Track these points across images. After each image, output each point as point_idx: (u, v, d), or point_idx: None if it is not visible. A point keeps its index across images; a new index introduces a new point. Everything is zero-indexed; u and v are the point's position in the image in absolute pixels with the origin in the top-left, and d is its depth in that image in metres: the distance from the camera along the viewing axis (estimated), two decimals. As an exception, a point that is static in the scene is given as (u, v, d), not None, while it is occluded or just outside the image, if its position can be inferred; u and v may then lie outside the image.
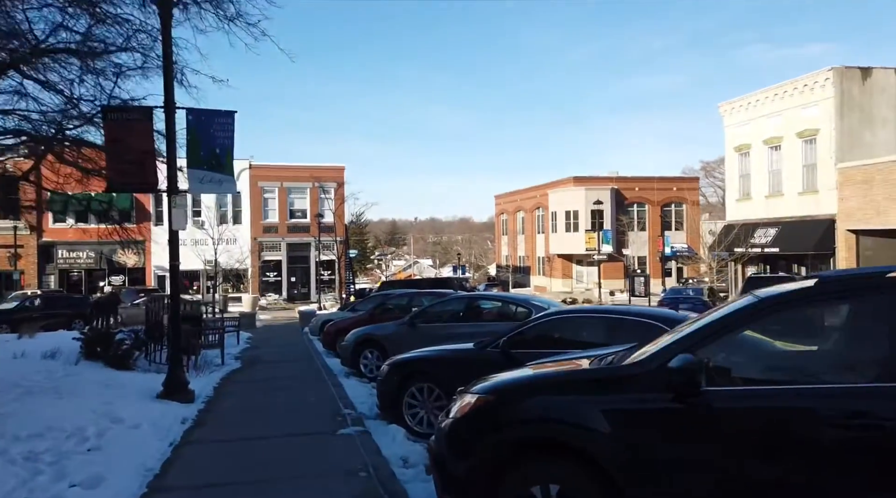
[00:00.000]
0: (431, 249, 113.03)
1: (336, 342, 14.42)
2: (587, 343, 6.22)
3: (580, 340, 6.30)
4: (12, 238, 38.18)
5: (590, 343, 6.21)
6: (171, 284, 8.63)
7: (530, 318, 9.25)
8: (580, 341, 6.29)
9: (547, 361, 4.72)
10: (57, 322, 24.82)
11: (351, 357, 10.93)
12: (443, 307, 10.74)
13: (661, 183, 52.52)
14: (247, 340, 18.72)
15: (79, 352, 11.42)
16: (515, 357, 6.34)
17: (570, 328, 6.50)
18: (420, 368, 6.96)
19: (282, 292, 44.26)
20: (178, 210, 8.44)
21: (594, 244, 38.01)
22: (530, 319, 6.75)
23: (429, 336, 10.17)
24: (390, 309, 14.27)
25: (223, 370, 11.54)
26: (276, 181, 44.29)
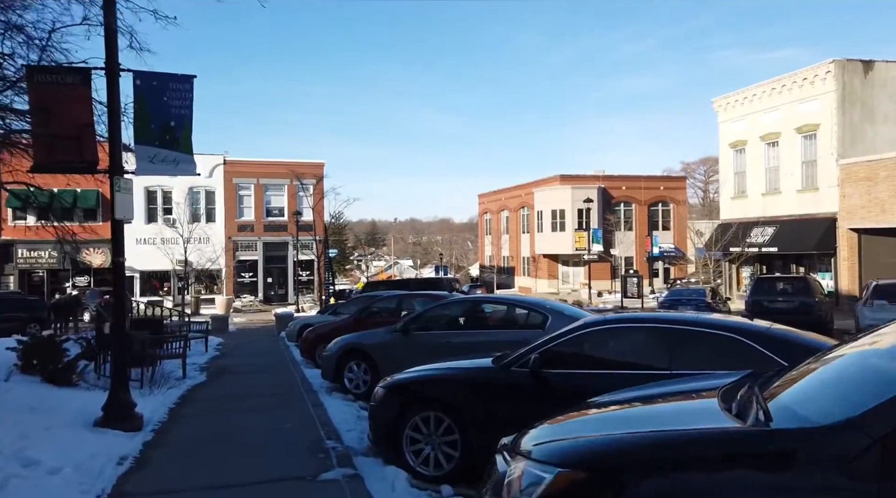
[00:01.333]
0: (411, 249, 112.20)
1: (316, 350, 12.88)
2: (642, 362, 4.85)
3: (632, 360, 4.92)
4: (-32, 236, 35.84)
5: (645, 363, 4.84)
6: (114, 285, 7.06)
7: (549, 325, 7.89)
8: (632, 360, 4.91)
9: (625, 396, 3.32)
10: (9, 327, 22.83)
11: (334, 370, 9.43)
12: (441, 312, 9.29)
13: (649, 182, 51.73)
14: (216, 346, 17.05)
15: (13, 364, 9.77)
16: (554, 382, 4.94)
17: (619, 342, 5.11)
18: (426, 392, 5.51)
19: (258, 294, 42.39)
20: (123, 195, 6.87)
21: (584, 244, 36.89)
22: (565, 329, 5.34)
23: (425, 346, 8.75)
24: (377, 313, 12.78)
25: (184, 385, 9.95)
26: (251, 177, 42.44)
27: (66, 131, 6.76)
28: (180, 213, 38.04)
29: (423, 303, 12.56)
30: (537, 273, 52.72)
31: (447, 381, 5.49)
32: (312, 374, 11.22)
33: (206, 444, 6.33)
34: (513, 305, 8.74)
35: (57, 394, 8.27)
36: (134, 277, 40.71)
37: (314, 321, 16.37)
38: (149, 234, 39.61)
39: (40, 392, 8.15)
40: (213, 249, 38.77)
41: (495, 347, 8.23)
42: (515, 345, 8.16)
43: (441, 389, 5.42)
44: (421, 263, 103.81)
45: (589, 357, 5.10)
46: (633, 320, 5.19)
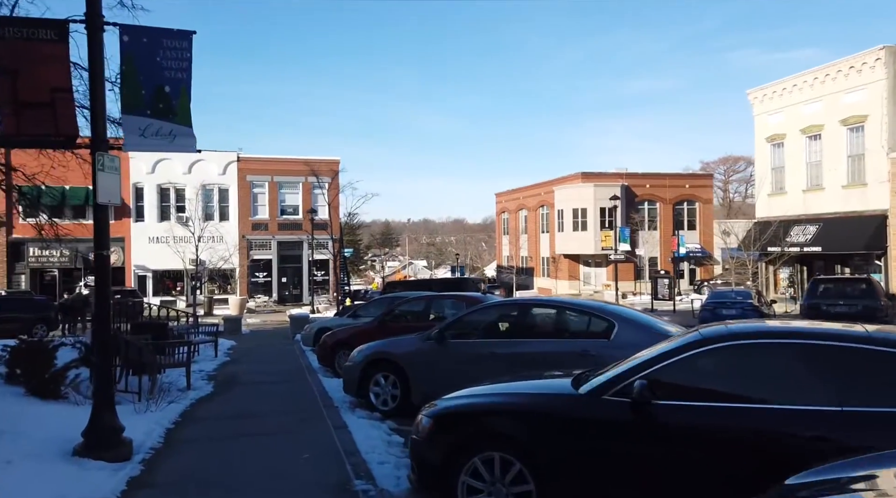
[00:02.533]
0: (425, 250, 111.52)
1: (335, 357, 11.65)
2: (795, 394, 3.50)
3: (780, 390, 3.58)
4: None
5: (799, 395, 3.49)
6: (96, 283, 5.85)
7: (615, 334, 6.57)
8: (780, 392, 3.57)
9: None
10: (13, 327, 21.89)
11: (358, 382, 8.17)
12: (482, 316, 8.00)
13: (674, 180, 50.05)
14: (227, 351, 15.89)
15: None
16: (668, 420, 3.63)
17: (758, 365, 3.75)
18: (487, 425, 4.21)
19: (272, 294, 41.37)
20: (108, 175, 5.66)
21: (610, 243, 35.35)
22: (677, 345, 4.00)
23: (465, 356, 7.47)
24: (403, 316, 11.52)
25: (187, 399, 8.74)
26: (266, 175, 41.43)
27: (37, 97, 5.57)
28: (193, 211, 37.13)
29: (454, 305, 11.30)
30: (557, 274, 51.23)
31: (515, 411, 4.18)
32: (332, 385, 9.97)
33: (206, 485, 5.07)
34: (569, 310, 7.41)
35: (37, 410, 7.09)
36: (147, 277, 39.90)
37: (332, 324, 15.14)
38: (161, 233, 38.75)
39: (17, 408, 6.97)
40: (226, 248, 37.81)
41: (549, 359, 6.93)
42: (573, 357, 6.84)
43: (507, 423, 4.12)
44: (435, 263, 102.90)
45: (716, 385, 3.77)
46: (779, 334, 3.84)
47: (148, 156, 40.18)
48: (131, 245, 39.35)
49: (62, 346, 11.07)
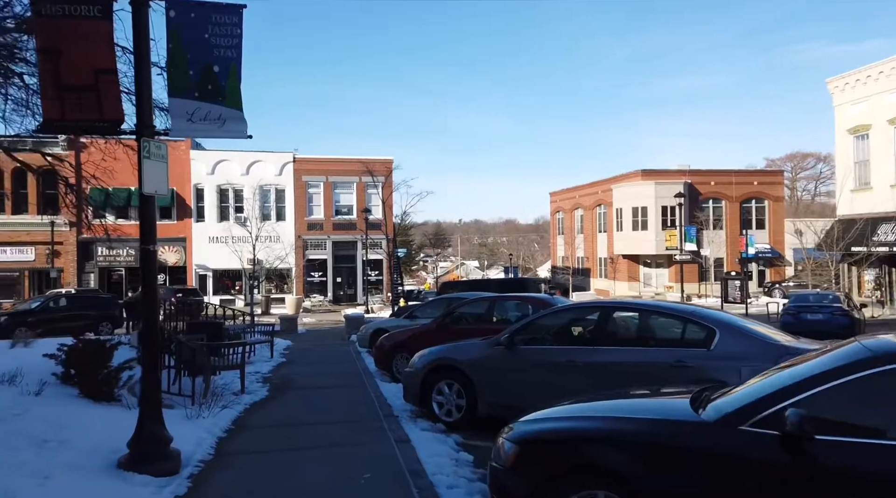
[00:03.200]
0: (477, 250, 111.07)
1: (392, 361, 11.09)
2: None
3: None
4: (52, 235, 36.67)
5: None
6: (143, 280, 5.40)
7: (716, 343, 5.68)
8: None
9: None
10: (82, 325, 22.44)
11: (419, 390, 7.52)
12: (556, 321, 7.21)
13: (741, 177, 47.54)
14: (283, 351, 15.60)
15: (53, 373, 8.45)
16: (849, 475, 2.78)
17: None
18: (586, 456, 3.44)
19: (327, 293, 41.55)
20: (154, 164, 5.20)
21: (674, 242, 33.70)
22: (848, 362, 3.13)
23: (539, 365, 6.70)
24: (464, 318, 10.84)
25: (241, 403, 8.30)
26: (321, 175, 41.64)
27: (80, 80, 5.16)
28: (250, 211, 37.66)
29: (518, 307, 10.55)
30: (616, 275, 49.53)
31: (623, 440, 3.39)
32: (390, 391, 9.38)
33: (256, 506, 4.51)
34: (660, 314, 6.53)
35: (87, 415, 6.76)
36: (207, 276, 40.76)
37: (388, 325, 14.61)
38: (220, 233, 39.49)
39: (67, 412, 6.65)
40: (282, 248, 38.18)
41: (636, 370, 6.07)
42: (665, 369, 5.96)
43: (614, 455, 3.34)
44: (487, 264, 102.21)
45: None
46: None
47: (208, 157, 41.11)
48: (192, 245, 40.29)
49: (119, 345, 10.93)
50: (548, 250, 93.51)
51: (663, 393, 4.11)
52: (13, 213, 38.03)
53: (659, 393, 4.14)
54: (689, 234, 33.70)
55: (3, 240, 37.64)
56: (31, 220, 37.74)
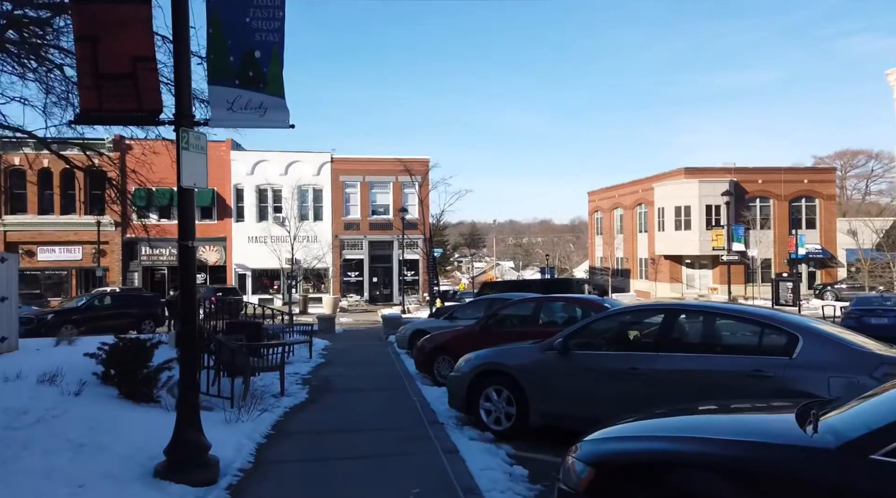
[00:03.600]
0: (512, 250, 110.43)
1: (433, 363, 10.72)
2: None
3: None
4: (98, 234, 37.61)
5: None
6: (180, 277, 5.14)
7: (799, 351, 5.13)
8: None
9: None
10: (125, 323, 22.80)
11: (465, 397, 7.12)
12: (614, 324, 6.70)
13: (790, 174, 45.69)
14: (322, 351, 15.41)
15: (94, 373, 8.34)
16: None
17: None
18: (680, 485, 2.97)
19: (363, 293, 41.55)
20: (194, 155, 4.93)
21: (721, 242, 32.51)
22: None
23: (595, 372, 6.23)
24: (508, 320, 10.39)
25: (280, 406, 8.04)
26: (358, 175, 41.68)
27: (118, 68, 4.93)
28: (288, 211, 37.92)
29: (566, 308, 10.05)
30: (657, 276, 48.25)
31: (720, 465, 2.91)
32: (433, 395, 9.01)
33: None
34: (732, 318, 5.98)
35: (126, 417, 6.57)
36: (246, 276, 41.24)
37: (428, 326, 14.26)
38: (259, 233, 39.89)
39: (106, 414, 6.47)
40: (319, 248, 38.34)
41: (706, 379, 5.53)
42: (740, 378, 5.39)
43: (711, 484, 2.86)
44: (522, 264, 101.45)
45: None
46: None
47: (247, 158, 41.59)
48: (232, 245, 40.80)
49: (160, 344, 10.85)
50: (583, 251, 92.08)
51: (755, 408, 3.60)
52: (62, 214, 39.15)
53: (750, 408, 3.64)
54: (736, 234, 32.47)
55: (51, 239, 38.79)
56: (78, 220, 38.82)
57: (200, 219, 40.77)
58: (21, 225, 38.48)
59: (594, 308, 9.45)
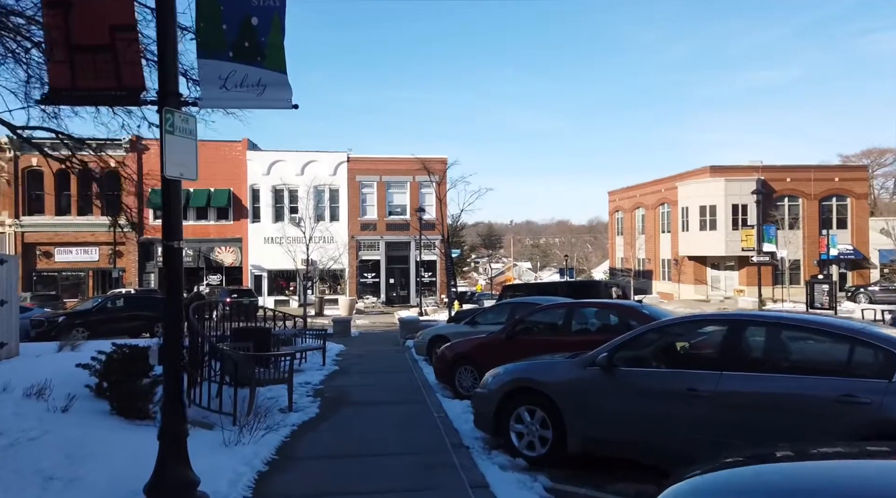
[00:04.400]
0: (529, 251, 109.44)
1: (455, 374, 9.92)
2: None
3: None
4: (114, 235, 37.42)
5: None
6: (167, 281, 4.40)
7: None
8: None
9: None
10: (137, 325, 22.35)
11: (494, 417, 6.30)
12: (670, 337, 5.84)
13: (820, 172, 44.17)
14: (335, 357, 14.70)
15: (87, 386, 7.68)
16: None
17: None
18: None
19: (380, 295, 40.89)
20: (179, 140, 4.18)
21: (752, 243, 31.26)
22: None
23: (646, 393, 5.39)
24: (537, 327, 9.55)
25: (287, 424, 7.30)
26: (374, 175, 41.04)
27: (94, 39, 4.20)
28: (304, 211, 37.37)
29: (601, 315, 9.19)
30: (680, 277, 46.98)
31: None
32: (455, 410, 8.21)
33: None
34: (813, 331, 5.09)
35: (114, 438, 5.86)
36: (262, 277, 40.80)
37: (448, 332, 13.47)
38: (275, 233, 39.44)
39: (91, 435, 5.77)
40: (335, 248, 37.74)
41: (785, 405, 4.65)
42: (827, 404, 4.44)
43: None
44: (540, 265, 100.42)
45: None
46: None
47: (264, 158, 41.14)
48: (248, 245, 40.39)
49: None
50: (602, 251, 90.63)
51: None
52: (79, 214, 39.03)
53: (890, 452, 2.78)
54: (767, 234, 31.20)
55: (69, 240, 38.68)
56: (95, 221, 38.66)
57: (217, 219, 40.44)
58: (38, 226, 38.42)
59: (632, 315, 8.59)
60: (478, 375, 9.66)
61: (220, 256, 40.76)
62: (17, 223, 38.07)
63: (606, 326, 8.85)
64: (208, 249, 40.61)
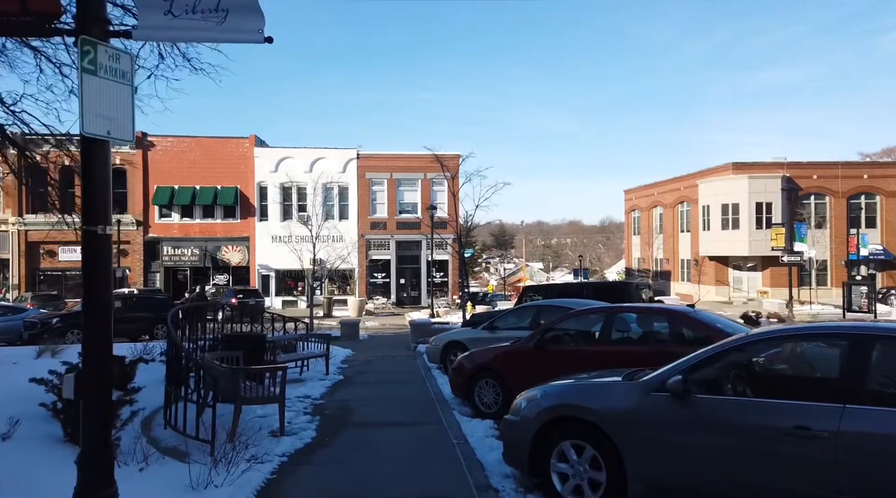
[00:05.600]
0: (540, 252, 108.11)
1: (474, 388, 8.66)
2: None
3: None
4: (118, 233, 36.51)
5: None
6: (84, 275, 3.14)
7: None
8: None
9: None
10: (135, 327, 21.28)
11: (530, 453, 5.01)
12: (766, 356, 4.52)
13: (848, 169, 42.44)
14: (342, 364, 13.48)
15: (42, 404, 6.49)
16: None
17: None
18: None
19: (390, 295, 39.68)
20: (104, 83, 2.97)
21: (781, 242, 29.69)
22: None
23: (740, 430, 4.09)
24: (568, 336, 8.25)
25: (276, 454, 6.05)
26: (385, 172, 39.85)
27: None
28: (312, 209, 36.21)
29: (644, 321, 7.87)
30: (701, 278, 45.36)
31: None
32: (476, 434, 6.95)
33: None
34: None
35: (51, 478, 4.65)
36: (269, 277, 39.74)
37: (464, 338, 12.20)
38: (283, 232, 38.34)
39: (24, 472, 4.58)
40: (344, 247, 36.54)
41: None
42: None
43: None
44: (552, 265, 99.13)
45: None
46: None
47: (272, 154, 40.06)
48: (255, 244, 39.35)
49: (142, 361, 9.01)
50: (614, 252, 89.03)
51: None
52: (83, 212, 38.11)
53: None
54: (798, 233, 29.62)
55: (72, 239, 37.63)
56: (99, 219, 37.77)
57: (224, 218, 39.42)
58: (42, 224, 37.61)
59: (685, 323, 7.28)
60: (500, 390, 8.40)
61: (226, 256, 39.77)
62: (21, 221, 37.28)
63: (654, 336, 7.55)
64: (215, 249, 39.63)
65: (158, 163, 38.78)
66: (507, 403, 8.17)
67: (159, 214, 39.33)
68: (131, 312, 21.70)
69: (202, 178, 38.87)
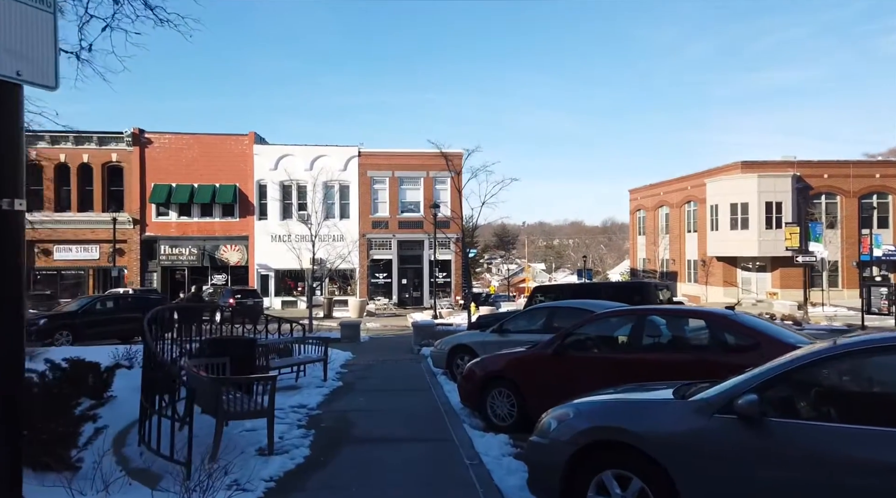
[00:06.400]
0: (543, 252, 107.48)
1: (486, 397, 7.85)
2: None
3: None
4: (114, 232, 35.76)
5: None
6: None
7: None
8: None
9: None
10: (127, 328, 20.51)
11: (563, 484, 4.20)
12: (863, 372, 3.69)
13: (860, 168, 41.57)
14: (341, 369, 12.67)
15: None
16: None
17: None
18: None
19: (392, 296, 38.87)
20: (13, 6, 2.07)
21: (795, 242, 28.88)
22: None
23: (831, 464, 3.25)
24: (591, 342, 7.43)
25: (261, 479, 5.23)
26: (387, 170, 39.06)
27: None
28: (313, 207, 35.40)
29: (675, 326, 7.05)
30: (708, 279, 44.50)
31: None
32: (492, 452, 6.14)
33: None
34: None
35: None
36: (269, 276, 38.95)
37: (472, 342, 11.39)
38: (282, 231, 37.52)
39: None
40: (345, 246, 35.72)
41: None
42: None
43: None
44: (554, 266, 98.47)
45: None
46: None
47: (271, 152, 39.26)
48: (254, 244, 38.57)
49: (119, 367, 8.21)
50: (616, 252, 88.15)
51: None
52: (79, 210, 37.40)
53: None
54: (813, 232, 28.78)
55: (68, 238, 37.01)
56: (95, 218, 37.05)
57: (222, 216, 38.63)
58: (37, 223, 36.83)
59: (728, 327, 6.46)
60: (515, 401, 7.59)
61: (225, 255, 38.98)
62: (15, 219, 36.43)
63: (690, 342, 6.72)
64: (213, 248, 38.85)
65: (156, 160, 38.01)
66: (522, 416, 7.37)
67: (156, 213, 38.57)
68: (124, 313, 20.95)
69: (200, 175, 38.10)
